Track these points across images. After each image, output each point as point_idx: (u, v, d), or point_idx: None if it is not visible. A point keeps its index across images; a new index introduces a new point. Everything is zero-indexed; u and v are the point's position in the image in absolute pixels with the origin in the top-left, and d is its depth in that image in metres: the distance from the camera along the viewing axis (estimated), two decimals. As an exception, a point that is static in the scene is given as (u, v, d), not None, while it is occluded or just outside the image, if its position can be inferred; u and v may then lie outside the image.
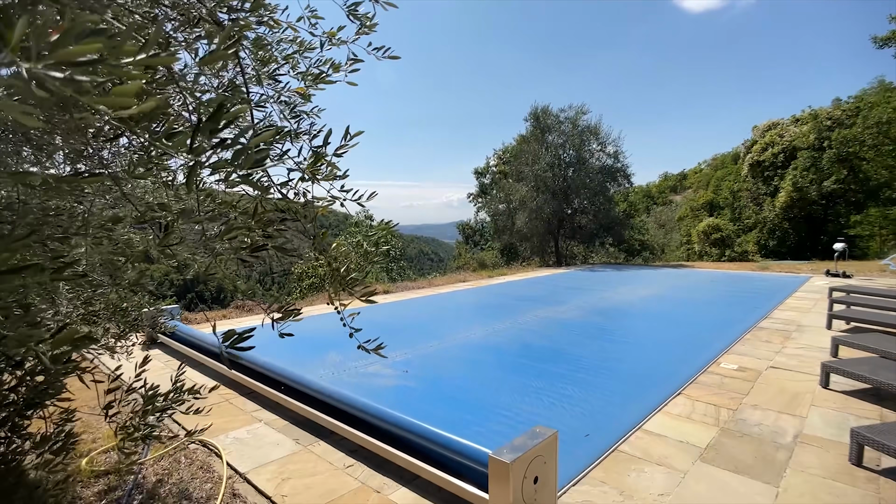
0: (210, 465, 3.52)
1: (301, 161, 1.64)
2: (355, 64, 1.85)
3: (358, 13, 1.72)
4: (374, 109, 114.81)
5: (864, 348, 5.34)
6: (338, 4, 1.70)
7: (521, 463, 2.51)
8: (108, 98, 0.66)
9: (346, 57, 1.90)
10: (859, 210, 28.11)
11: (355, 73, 1.86)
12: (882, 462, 3.40)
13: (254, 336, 1.33)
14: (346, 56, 1.91)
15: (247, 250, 1.33)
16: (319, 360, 6.07)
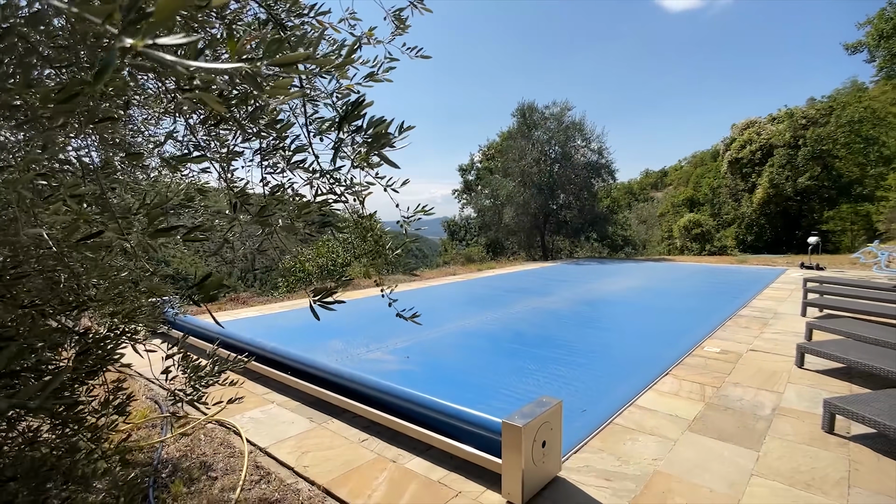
0: (230, 441, 3.70)
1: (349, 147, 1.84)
2: (391, 62, 2.05)
3: (401, 16, 1.92)
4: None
5: (836, 332, 5.73)
6: (383, 8, 1.90)
7: (532, 428, 2.76)
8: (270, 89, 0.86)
9: (383, 55, 2.11)
10: (832, 206, 29.15)
11: (391, 70, 2.06)
12: (852, 430, 3.74)
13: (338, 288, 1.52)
14: (383, 55, 2.11)
15: (315, 226, 1.54)
16: (322, 348, 6.24)
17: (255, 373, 5.10)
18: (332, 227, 1.69)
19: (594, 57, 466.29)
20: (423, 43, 2.19)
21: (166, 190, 2.13)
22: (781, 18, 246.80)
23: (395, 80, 1.95)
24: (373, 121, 0.94)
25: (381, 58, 2.09)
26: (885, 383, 4.69)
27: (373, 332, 6.70)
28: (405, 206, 2.28)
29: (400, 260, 1.89)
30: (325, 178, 1.64)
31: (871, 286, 8.52)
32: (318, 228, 1.56)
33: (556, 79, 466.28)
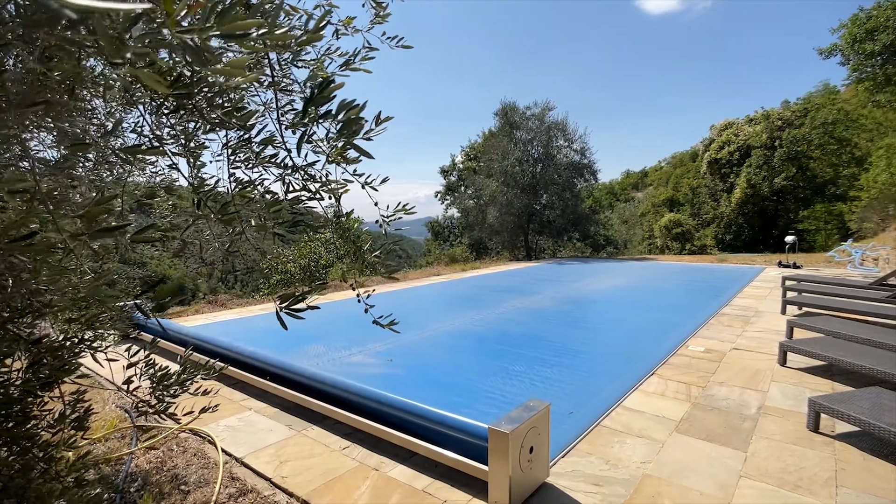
0: (204, 451, 3.53)
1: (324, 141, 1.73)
2: (370, 52, 1.94)
3: (381, 3, 1.81)
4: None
5: (816, 329, 5.78)
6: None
7: (519, 433, 2.67)
8: (223, 67, 0.75)
9: (361, 45, 1.99)
10: (807, 206, 29.87)
11: (369, 60, 1.95)
12: (836, 428, 3.74)
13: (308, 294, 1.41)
14: (361, 44, 1.99)
15: (285, 225, 1.42)
16: (302, 352, 6.08)
17: (232, 378, 4.92)
18: (306, 226, 1.57)
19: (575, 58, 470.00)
20: (405, 41, 2.08)
21: (130, 187, 1.98)
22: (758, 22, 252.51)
23: (375, 79, 1.83)
24: (344, 104, 0.83)
25: (358, 47, 1.98)
26: (865, 380, 4.73)
27: (356, 335, 6.54)
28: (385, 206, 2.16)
29: (381, 262, 1.77)
30: (299, 174, 1.53)
31: (848, 284, 8.67)
32: (290, 228, 1.44)
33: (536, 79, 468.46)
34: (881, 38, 18.33)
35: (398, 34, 2.00)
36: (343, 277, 12.48)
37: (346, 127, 0.79)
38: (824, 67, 72.53)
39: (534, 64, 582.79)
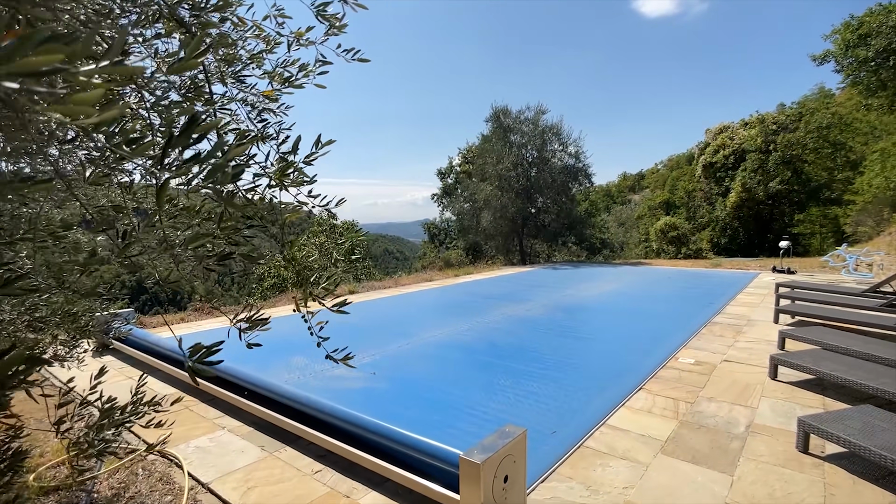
0: (170, 476, 3.39)
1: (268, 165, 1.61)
2: (324, 66, 1.81)
3: (327, 13, 1.69)
4: (334, 105, 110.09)
5: (808, 341, 5.68)
6: (305, 4, 1.67)
7: (492, 463, 2.54)
8: (67, 106, 0.62)
9: (315, 58, 1.87)
10: (802, 209, 29.89)
11: (324, 75, 1.82)
12: (826, 449, 3.63)
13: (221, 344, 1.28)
14: (315, 57, 1.87)
15: (213, 259, 1.29)
16: (284, 363, 5.94)
17: (208, 394, 4.77)
18: (244, 257, 1.45)
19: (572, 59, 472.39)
20: (403, 44, 1.97)
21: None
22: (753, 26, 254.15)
23: (374, 80, 1.71)
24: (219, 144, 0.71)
25: (310, 62, 1.86)
26: (857, 395, 4.63)
27: (338, 345, 6.38)
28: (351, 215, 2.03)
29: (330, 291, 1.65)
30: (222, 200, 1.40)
31: (841, 291, 8.58)
32: (218, 262, 1.31)
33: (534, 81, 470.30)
34: (874, 44, 18.33)
35: (400, 36, 1.88)
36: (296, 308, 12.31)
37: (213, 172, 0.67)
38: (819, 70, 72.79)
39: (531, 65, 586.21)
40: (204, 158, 0.69)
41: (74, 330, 2.76)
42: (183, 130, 0.65)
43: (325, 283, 1.60)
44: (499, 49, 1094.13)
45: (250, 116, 1.71)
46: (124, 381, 5.39)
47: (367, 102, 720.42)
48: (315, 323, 1.78)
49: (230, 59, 1.85)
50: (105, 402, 2.08)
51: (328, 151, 1.42)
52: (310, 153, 1.42)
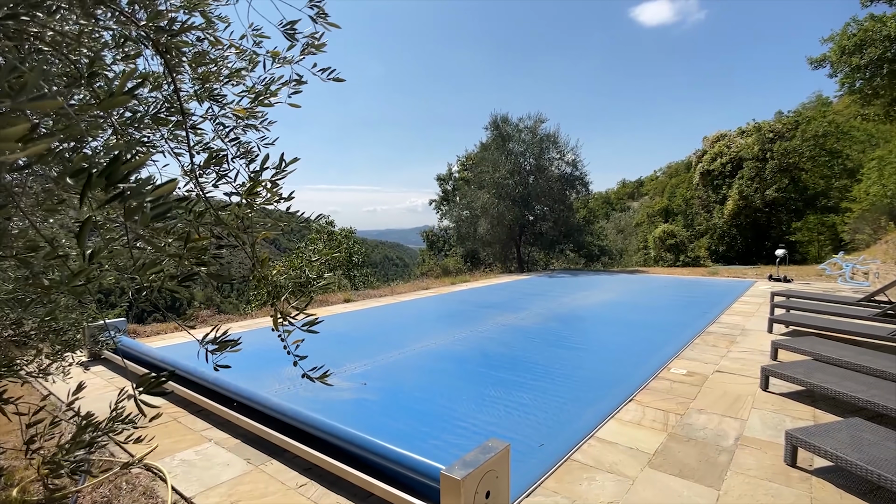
0: (154, 490, 3.37)
1: (240, 184, 1.61)
2: (299, 86, 1.83)
3: (295, 31, 1.70)
4: (331, 111, 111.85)
5: (801, 352, 5.67)
6: (273, 25, 1.68)
7: (473, 479, 2.53)
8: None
9: (290, 77, 1.88)
10: (799, 217, 29.93)
11: (298, 94, 1.84)
12: (814, 462, 3.61)
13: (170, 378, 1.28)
14: (290, 76, 1.88)
15: (175, 282, 1.29)
16: (274, 372, 5.92)
17: (196, 406, 4.75)
18: (211, 277, 1.45)
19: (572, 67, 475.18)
20: (403, 52, 1.98)
21: None
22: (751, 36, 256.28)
23: (376, 85, 1.73)
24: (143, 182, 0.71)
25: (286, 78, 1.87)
26: (847, 407, 4.62)
27: (331, 355, 6.37)
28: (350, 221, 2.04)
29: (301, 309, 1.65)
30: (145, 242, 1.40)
31: (836, 300, 8.57)
32: (183, 282, 1.31)
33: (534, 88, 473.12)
34: (868, 52, 18.46)
35: (400, 44, 1.90)
36: (274, 326, 12.37)
37: (131, 213, 0.67)
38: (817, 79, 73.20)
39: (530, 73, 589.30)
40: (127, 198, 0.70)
41: (60, 343, 2.75)
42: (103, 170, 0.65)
43: (296, 302, 1.60)
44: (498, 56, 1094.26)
45: (221, 135, 1.71)
46: (113, 392, 5.37)
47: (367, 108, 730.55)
48: (292, 342, 1.78)
49: (206, 77, 1.86)
50: (83, 418, 2.07)
51: (294, 170, 1.43)
52: (275, 173, 1.42)
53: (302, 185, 15.26)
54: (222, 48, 1.97)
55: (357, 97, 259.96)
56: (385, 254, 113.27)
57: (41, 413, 1.99)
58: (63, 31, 1.41)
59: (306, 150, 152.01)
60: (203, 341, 1.55)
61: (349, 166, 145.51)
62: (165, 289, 1.32)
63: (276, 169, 1.36)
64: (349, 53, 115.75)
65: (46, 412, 1.98)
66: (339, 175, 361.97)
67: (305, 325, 1.59)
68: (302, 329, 1.60)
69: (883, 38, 17.98)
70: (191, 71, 1.88)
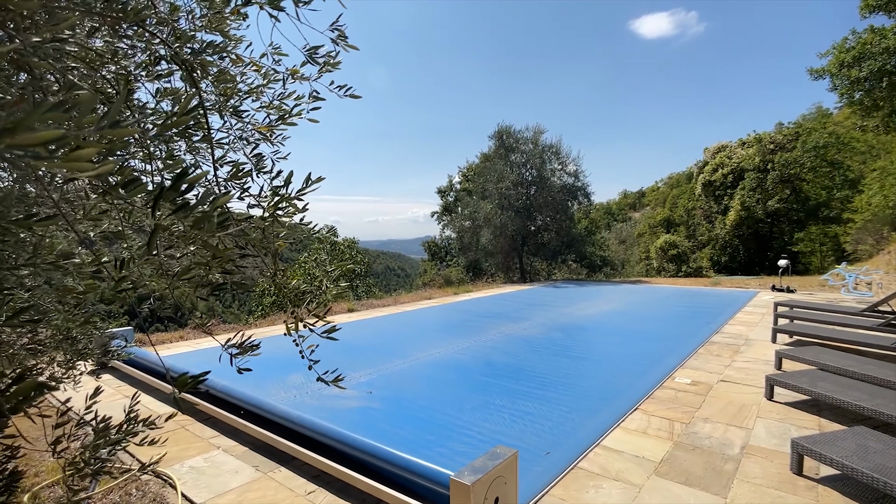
0: (164, 496, 3.40)
1: (261, 196, 1.68)
2: (317, 102, 1.90)
3: (317, 55, 1.78)
4: (333, 122, 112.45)
5: (805, 361, 5.69)
6: (297, 48, 1.76)
7: (482, 484, 2.56)
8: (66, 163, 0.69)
9: (308, 93, 1.96)
10: (801, 228, 29.97)
11: (317, 110, 1.91)
12: (821, 471, 3.63)
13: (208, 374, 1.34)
14: (308, 93, 1.96)
15: (207, 289, 1.35)
16: (281, 381, 5.95)
17: (204, 413, 4.79)
18: (237, 286, 1.51)
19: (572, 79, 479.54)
20: (402, 65, 2.05)
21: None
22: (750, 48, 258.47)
23: (378, 97, 1.81)
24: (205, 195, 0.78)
25: (305, 95, 1.95)
26: (853, 416, 4.63)
27: (335, 364, 6.37)
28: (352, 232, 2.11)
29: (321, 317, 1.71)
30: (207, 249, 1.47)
31: (840, 310, 8.59)
32: (213, 292, 1.37)
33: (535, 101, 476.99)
34: (867, 65, 18.62)
35: (399, 57, 1.98)
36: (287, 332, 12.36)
37: (197, 224, 0.74)
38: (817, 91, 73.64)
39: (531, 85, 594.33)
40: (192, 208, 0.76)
41: (73, 352, 2.81)
42: (172, 184, 0.72)
43: (315, 310, 1.66)
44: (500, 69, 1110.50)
45: (245, 152, 1.79)
46: (121, 399, 5.41)
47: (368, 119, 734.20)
48: (307, 346, 1.83)
49: (228, 93, 1.95)
50: (100, 421, 2.13)
51: (318, 188, 1.49)
52: (301, 188, 1.49)
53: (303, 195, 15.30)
54: (242, 66, 2.05)
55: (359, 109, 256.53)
56: (387, 264, 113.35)
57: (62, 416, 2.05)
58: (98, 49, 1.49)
59: (309, 160, 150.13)
60: (226, 346, 1.61)
61: (351, 177, 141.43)
62: (197, 297, 1.38)
63: (305, 183, 1.42)
64: (351, 65, 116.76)
65: (71, 414, 2.03)
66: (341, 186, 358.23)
67: (325, 332, 1.65)
68: (322, 336, 1.66)
69: (882, 50, 18.15)
70: (213, 88, 1.97)
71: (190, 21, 1.80)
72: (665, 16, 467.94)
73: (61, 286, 1.76)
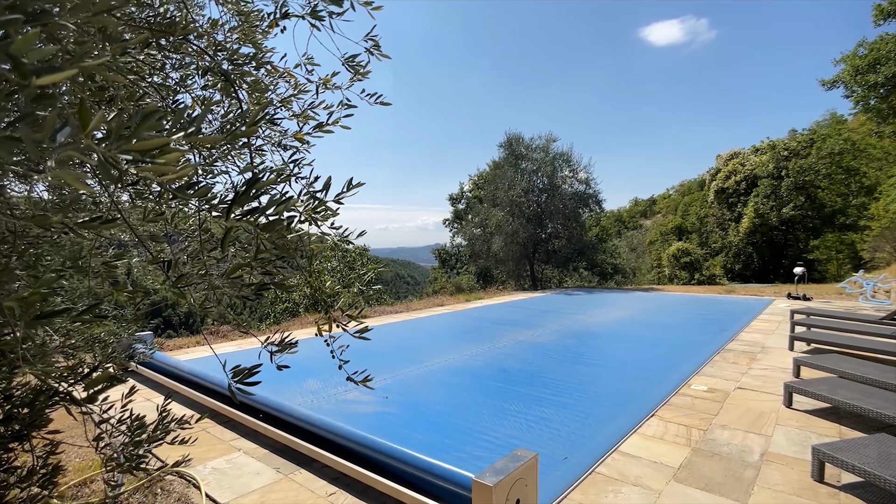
0: (188, 496, 3.47)
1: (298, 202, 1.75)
2: (349, 109, 1.98)
3: (354, 62, 1.86)
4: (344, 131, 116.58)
5: (824, 369, 5.63)
6: (335, 56, 1.84)
7: (504, 486, 2.59)
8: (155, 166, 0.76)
9: (339, 101, 2.03)
10: (817, 235, 29.59)
11: (349, 117, 1.99)
12: (842, 478, 3.59)
13: (260, 367, 1.40)
14: (340, 100, 2.04)
15: (252, 288, 1.42)
16: (298, 387, 6.02)
17: (224, 416, 4.87)
18: (277, 286, 1.58)
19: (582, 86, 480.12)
20: (417, 76, 2.13)
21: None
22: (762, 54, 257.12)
23: (390, 111, 1.88)
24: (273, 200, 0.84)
25: (334, 104, 2.02)
26: (874, 424, 4.58)
27: (350, 369, 6.45)
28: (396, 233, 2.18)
29: (354, 316, 1.77)
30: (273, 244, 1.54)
31: (858, 318, 8.48)
32: (256, 291, 1.44)
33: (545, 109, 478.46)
34: (884, 70, 18.45)
35: (413, 69, 2.06)
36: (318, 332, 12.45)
37: (267, 228, 0.80)
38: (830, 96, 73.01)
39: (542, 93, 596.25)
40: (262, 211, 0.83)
41: (103, 355, 2.90)
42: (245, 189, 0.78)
43: (348, 311, 1.72)
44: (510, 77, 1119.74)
45: (284, 158, 1.86)
46: (143, 402, 5.51)
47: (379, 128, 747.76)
48: (336, 346, 1.89)
49: (262, 102, 2.03)
50: (134, 419, 2.20)
51: (357, 192, 1.56)
52: (340, 192, 1.56)
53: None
54: (276, 76, 2.14)
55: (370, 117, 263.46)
56: (397, 271, 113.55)
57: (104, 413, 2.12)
58: (146, 61, 1.58)
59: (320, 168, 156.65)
60: (265, 343, 1.67)
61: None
62: (241, 296, 1.44)
63: (345, 187, 1.49)
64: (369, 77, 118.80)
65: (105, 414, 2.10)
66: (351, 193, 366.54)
67: (357, 332, 1.71)
68: (354, 336, 1.71)
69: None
70: (248, 98, 2.05)
71: (226, 34, 1.89)
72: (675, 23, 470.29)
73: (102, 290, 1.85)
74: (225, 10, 1.76)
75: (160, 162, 0.73)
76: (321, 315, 1.81)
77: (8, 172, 1.12)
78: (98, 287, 1.91)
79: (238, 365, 1.34)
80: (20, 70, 0.50)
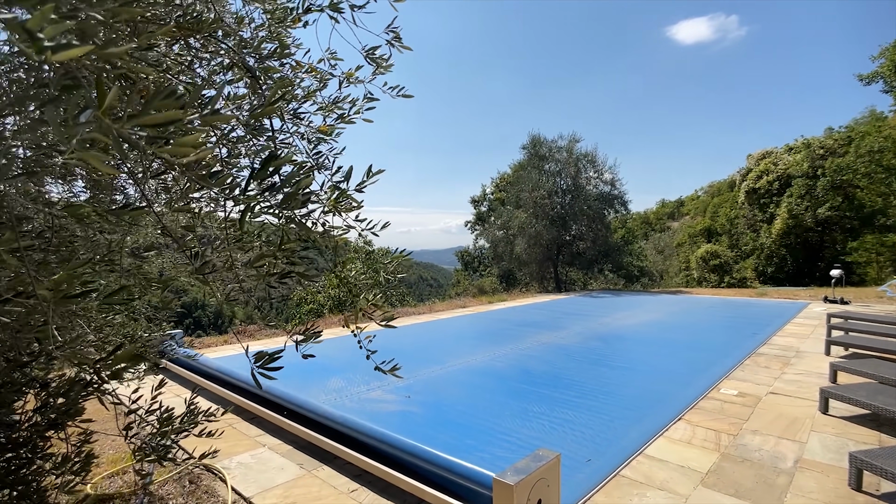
0: (214, 489, 3.54)
1: (321, 193, 1.77)
2: (371, 102, 1.99)
3: (375, 56, 1.87)
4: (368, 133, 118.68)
5: (863, 374, 5.39)
6: (356, 49, 1.86)
7: (525, 485, 2.56)
8: (173, 148, 0.78)
9: (363, 95, 2.05)
10: (855, 237, 28.39)
11: (371, 110, 2.00)
12: (882, 487, 3.43)
13: (282, 352, 1.42)
14: (363, 94, 2.05)
15: (275, 277, 1.44)
16: (321, 385, 6.09)
17: (250, 413, 4.96)
18: (300, 276, 1.60)
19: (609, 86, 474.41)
20: (439, 79, 2.14)
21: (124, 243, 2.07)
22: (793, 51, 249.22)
23: (410, 108, 1.90)
24: (290, 175, 0.85)
25: (359, 98, 2.04)
26: (918, 433, 4.36)
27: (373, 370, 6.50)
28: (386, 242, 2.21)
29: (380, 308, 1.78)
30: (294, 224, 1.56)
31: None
32: (279, 280, 1.46)
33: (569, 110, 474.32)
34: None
35: (431, 69, 2.07)
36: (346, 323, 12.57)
37: (285, 202, 0.81)
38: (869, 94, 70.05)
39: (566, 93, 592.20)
40: (279, 187, 0.84)
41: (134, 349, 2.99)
42: (263, 166, 0.79)
43: (373, 300, 1.73)
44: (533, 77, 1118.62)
45: (307, 149, 1.89)
46: (171, 397, 5.65)
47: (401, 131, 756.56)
48: (364, 337, 1.90)
49: (288, 97, 2.06)
50: (163, 412, 2.26)
51: (377, 180, 1.56)
52: (361, 181, 1.56)
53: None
54: (300, 70, 2.17)
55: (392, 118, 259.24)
56: (419, 274, 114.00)
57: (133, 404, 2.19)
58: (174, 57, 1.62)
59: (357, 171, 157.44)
60: (290, 332, 1.69)
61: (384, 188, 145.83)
62: (267, 285, 1.46)
63: (365, 175, 1.50)
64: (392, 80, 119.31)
65: (135, 404, 2.16)
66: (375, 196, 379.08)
67: (383, 320, 1.71)
68: (380, 324, 1.72)
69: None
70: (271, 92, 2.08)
71: (252, 30, 1.93)
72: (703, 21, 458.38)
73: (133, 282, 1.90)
74: (252, 7, 1.80)
75: (182, 141, 0.74)
76: (348, 309, 1.82)
77: (47, 171, 1.16)
78: (127, 281, 1.97)
79: (261, 351, 1.36)
80: (37, 45, 0.51)
